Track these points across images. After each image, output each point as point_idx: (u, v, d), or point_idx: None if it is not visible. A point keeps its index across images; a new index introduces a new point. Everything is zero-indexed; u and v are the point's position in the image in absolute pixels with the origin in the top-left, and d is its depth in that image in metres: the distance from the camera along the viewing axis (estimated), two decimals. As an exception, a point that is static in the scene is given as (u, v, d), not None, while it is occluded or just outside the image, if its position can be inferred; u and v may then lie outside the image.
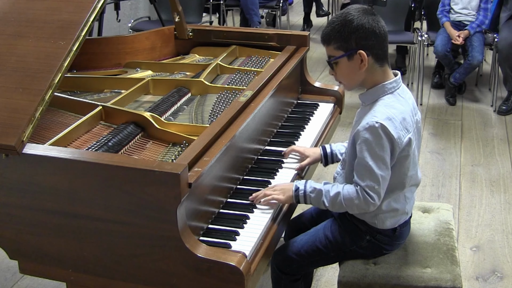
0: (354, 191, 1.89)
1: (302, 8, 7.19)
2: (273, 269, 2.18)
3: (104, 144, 1.94)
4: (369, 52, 1.88)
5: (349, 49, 1.89)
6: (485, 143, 4.32)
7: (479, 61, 4.81)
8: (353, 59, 1.89)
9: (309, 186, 1.97)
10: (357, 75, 1.92)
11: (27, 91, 1.82)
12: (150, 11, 6.05)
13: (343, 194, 1.90)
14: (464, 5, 4.90)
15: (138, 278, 1.76)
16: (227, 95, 2.39)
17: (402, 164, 1.92)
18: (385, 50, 1.92)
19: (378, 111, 1.87)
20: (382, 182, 1.87)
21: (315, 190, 1.95)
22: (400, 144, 1.86)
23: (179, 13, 2.86)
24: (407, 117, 1.90)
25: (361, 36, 1.86)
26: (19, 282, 2.81)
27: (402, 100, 1.93)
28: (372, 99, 1.93)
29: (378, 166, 1.85)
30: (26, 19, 2.01)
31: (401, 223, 2.05)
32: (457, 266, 2.06)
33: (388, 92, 1.92)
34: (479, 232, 3.23)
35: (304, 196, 1.97)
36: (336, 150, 2.24)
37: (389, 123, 1.84)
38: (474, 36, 4.80)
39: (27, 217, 1.82)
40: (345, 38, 1.88)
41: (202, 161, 1.78)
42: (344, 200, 1.90)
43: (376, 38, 1.88)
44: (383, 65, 1.93)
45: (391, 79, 1.94)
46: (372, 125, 1.84)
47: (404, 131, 1.88)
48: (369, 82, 1.94)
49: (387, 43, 1.92)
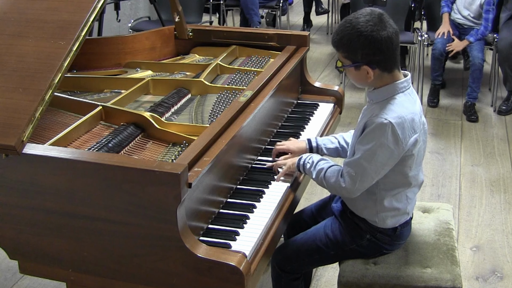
0: (335, 170, 1.96)
1: (302, 8, 7.20)
2: (273, 267, 2.19)
3: (104, 146, 1.94)
4: (375, 66, 1.88)
5: (356, 61, 1.89)
6: (485, 143, 4.32)
7: (480, 58, 4.68)
8: (359, 70, 1.90)
9: (310, 156, 2.07)
10: (365, 82, 1.94)
11: (27, 91, 1.82)
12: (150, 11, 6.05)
13: (327, 171, 1.98)
14: (465, 6, 4.85)
15: (138, 278, 1.76)
16: (227, 95, 2.39)
17: (405, 162, 1.92)
18: (394, 59, 1.90)
19: (390, 110, 1.87)
20: (362, 174, 1.88)
21: (310, 161, 2.05)
22: (405, 144, 1.87)
23: (179, 13, 2.86)
24: (415, 117, 1.91)
25: (368, 52, 1.85)
26: (19, 282, 2.81)
27: (412, 100, 1.94)
28: (382, 97, 1.93)
29: (368, 159, 1.86)
30: (26, 19, 2.01)
31: (402, 223, 2.05)
32: (457, 266, 2.06)
33: (400, 91, 1.92)
34: (479, 232, 3.23)
35: (303, 164, 2.07)
36: (322, 144, 2.23)
37: (399, 123, 1.85)
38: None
39: (27, 217, 1.82)
40: (352, 51, 1.88)
41: (202, 161, 1.78)
42: (324, 178, 1.99)
43: (384, 54, 1.86)
44: (392, 71, 1.92)
45: (402, 79, 1.94)
46: (382, 122, 1.84)
47: (411, 131, 1.88)
48: (379, 84, 1.94)
49: (397, 51, 1.90)
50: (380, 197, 1.97)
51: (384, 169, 1.89)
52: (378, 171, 1.89)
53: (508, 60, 4.77)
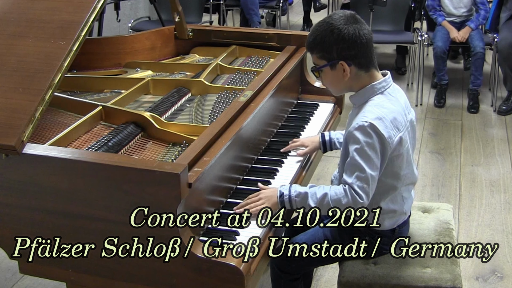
0: (342, 191, 1.86)
1: (302, 8, 7.20)
2: (273, 268, 2.19)
3: (104, 144, 1.94)
4: (351, 61, 1.88)
5: (331, 59, 1.89)
6: (485, 143, 4.32)
7: (481, 47, 4.79)
8: (335, 69, 1.90)
9: (293, 190, 1.92)
10: (341, 83, 1.94)
11: (27, 91, 1.82)
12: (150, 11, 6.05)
13: (330, 195, 1.87)
14: (454, 5, 4.92)
15: (138, 278, 1.76)
16: (227, 95, 2.39)
17: (394, 163, 1.92)
18: (369, 57, 1.91)
19: (368, 111, 1.87)
20: (372, 182, 1.86)
21: (300, 194, 1.91)
22: (391, 143, 1.86)
23: (179, 13, 2.86)
24: (398, 116, 1.90)
25: (342, 47, 1.86)
26: (19, 282, 2.81)
27: (393, 100, 1.93)
28: (362, 100, 1.93)
29: (368, 166, 1.84)
30: (26, 19, 2.01)
31: (400, 223, 2.05)
32: (457, 266, 2.06)
33: (378, 92, 1.92)
34: (479, 232, 3.23)
35: (289, 201, 1.92)
36: (335, 138, 2.25)
37: (379, 123, 1.84)
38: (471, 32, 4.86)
39: (27, 217, 1.82)
40: (327, 49, 1.88)
41: (202, 161, 1.78)
42: (331, 201, 1.87)
43: (358, 48, 1.87)
44: (368, 70, 1.92)
45: (380, 79, 1.94)
46: (362, 125, 1.83)
47: (394, 130, 1.87)
48: (356, 86, 1.94)
49: (371, 50, 1.91)
50: (375, 202, 1.96)
51: (383, 166, 1.89)
52: (379, 171, 1.89)
53: (508, 60, 4.77)
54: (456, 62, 6.04)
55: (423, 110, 4.88)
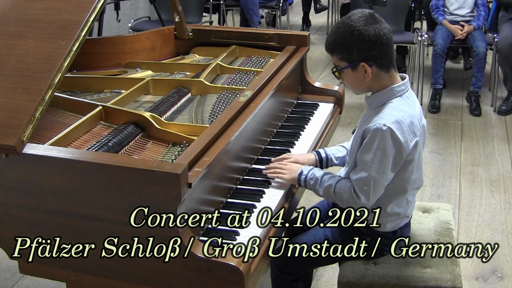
0: (346, 186, 1.91)
1: (302, 8, 7.19)
2: (273, 268, 2.19)
3: (104, 144, 1.94)
4: (372, 62, 1.87)
5: (352, 60, 1.88)
6: (485, 143, 4.32)
7: (484, 47, 4.77)
8: (357, 70, 1.89)
9: (311, 172, 2.02)
10: (363, 84, 1.93)
11: (27, 91, 1.82)
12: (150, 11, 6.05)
13: (336, 187, 1.94)
14: (460, 4, 4.92)
15: (138, 278, 1.76)
16: (227, 95, 2.39)
17: (407, 168, 1.91)
18: (390, 57, 1.90)
19: (387, 114, 1.86)
20: (374, 185, 1.86)
21: (314, 178, 2.01)
22: (407, 148, 1.86)
23: (179, 13, 2.86)
24: (415, 120, 1.90)
25: (363, 48, 1.85)
26: (19, 282, 2.81)
27: (410, 104, 1.93)
28: (380, 102, 1.92)
29: (375, 168, 1.84)
30: (26, 19, 2.01)
31: (402, 225, 2.05)
32: (457, 266, 2.06)
33: (397, 95, 1.91)
34: (479, 232, 3.23)
35: (304, 181, 2.02)
36: (331, 154, 2.21)
37: (397, 127, 1.83)
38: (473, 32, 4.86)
39: (27, 217, 1.82)
40: (347, 50, 1.87)
41: (202, 161, 1.78)
42: (335, 194, 1.94)
43: (379, 48, 1.86)
44: (389, 70, 1.91)
45: (399, 82, 1.94)
46: (380, 128, 1.83)
47: (411, 135, 1.87)
48: (376, 87, 1.93)
49: (392, 49, 1.90)
50: (382, 204, 1.96)
51: (392, 174, 1.88)
52: (387, 178, 1.88)
53: (508, 60, 4.77)
54: (456, 62, 6.05)
55: (423, 110, 4.86)
